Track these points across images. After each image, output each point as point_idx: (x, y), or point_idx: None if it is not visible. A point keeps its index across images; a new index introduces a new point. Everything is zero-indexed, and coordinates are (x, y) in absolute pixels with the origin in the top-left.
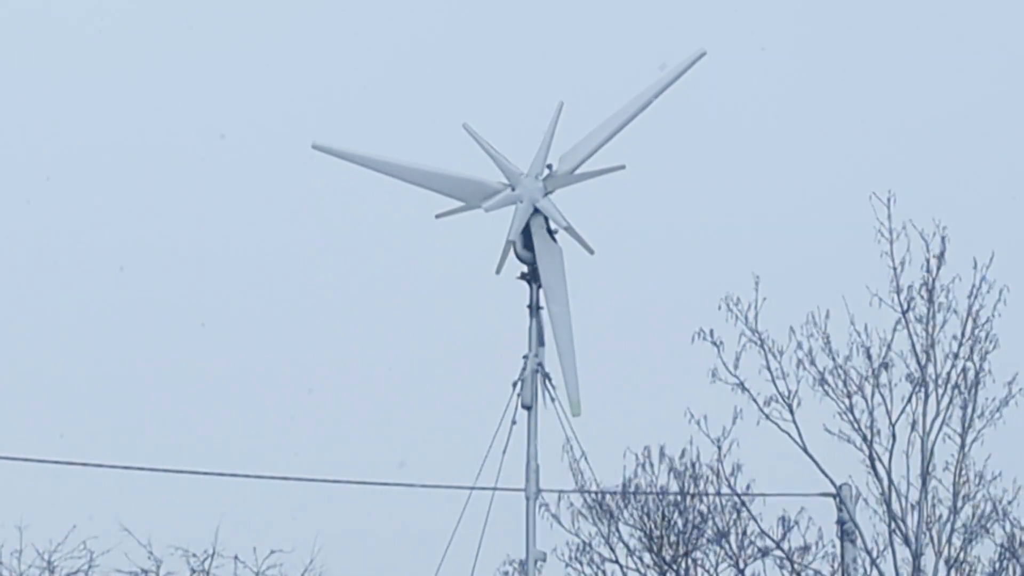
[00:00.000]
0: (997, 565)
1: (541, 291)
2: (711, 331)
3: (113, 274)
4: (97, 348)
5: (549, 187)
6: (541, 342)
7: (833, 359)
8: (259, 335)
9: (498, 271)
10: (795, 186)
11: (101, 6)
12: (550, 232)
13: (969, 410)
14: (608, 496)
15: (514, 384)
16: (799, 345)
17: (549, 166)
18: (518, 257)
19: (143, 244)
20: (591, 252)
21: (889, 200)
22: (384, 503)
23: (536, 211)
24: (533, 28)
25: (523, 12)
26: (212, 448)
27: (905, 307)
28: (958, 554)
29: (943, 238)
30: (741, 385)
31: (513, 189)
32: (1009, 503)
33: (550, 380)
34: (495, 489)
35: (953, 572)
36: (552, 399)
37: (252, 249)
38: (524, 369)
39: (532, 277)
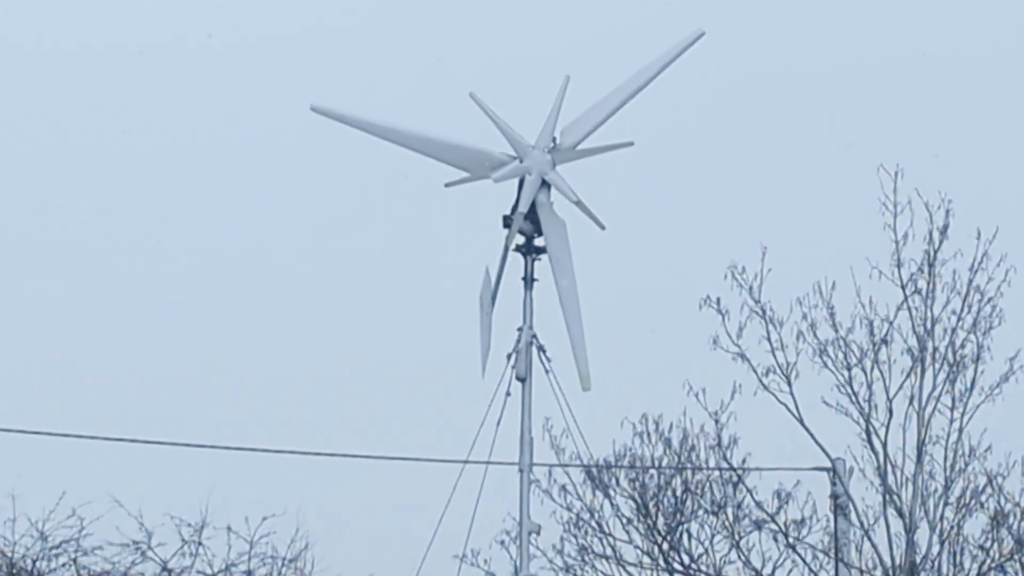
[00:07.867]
0: (987, 537)
1: (537, 263)
2: (717, 299)
3: (103, 247)
4: (88, 320)
5: (556, 160)
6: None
7: (836, 330)
8: (254, 306)
9: (507, 244)
10: (801, 156)
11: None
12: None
13: (966, 384)
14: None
15: (508, 356)
16: (804, 316)
17: (554, 139)
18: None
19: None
20: (602, 227)
21: (896, 174)
22: (374, 475)
23: (543, 184)
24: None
25: None
26: (204, 417)
27: (906, 281)
28: (951, 529)
29: (947, 211)
30: (742, 355)
31: (521, 161)
32: (1004, 477)
33: (545, 352)
34: (488, 463)
35: (947, 545)
36: (547, 371)
37: (248, 223)
38: (519, 341)
39: (528, 249)
